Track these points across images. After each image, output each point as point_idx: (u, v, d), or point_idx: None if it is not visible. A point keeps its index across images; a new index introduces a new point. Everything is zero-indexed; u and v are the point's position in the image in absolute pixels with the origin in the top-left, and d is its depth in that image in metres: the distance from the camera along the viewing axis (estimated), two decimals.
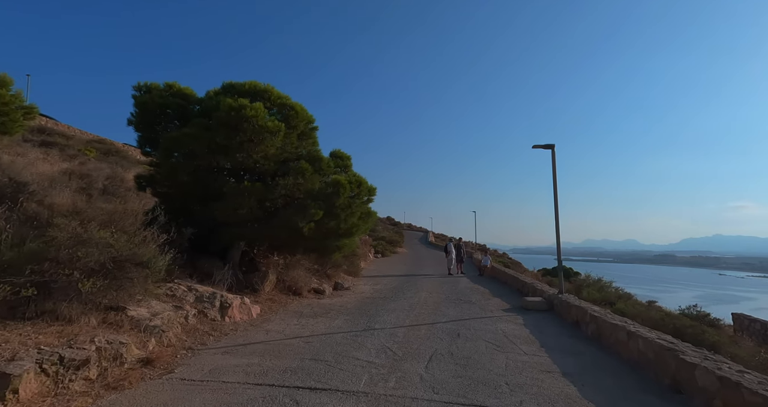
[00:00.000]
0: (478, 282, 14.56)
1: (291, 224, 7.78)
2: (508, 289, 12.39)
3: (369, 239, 32.76)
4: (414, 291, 11.46)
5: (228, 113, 7.05)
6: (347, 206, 8.37)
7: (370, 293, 10.90)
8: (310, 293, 10.13)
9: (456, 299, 10.08)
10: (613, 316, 5.66)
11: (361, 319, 7.17)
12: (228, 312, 6.35)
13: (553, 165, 8.54)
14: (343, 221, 8.56)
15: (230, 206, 7.53)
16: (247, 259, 10.57)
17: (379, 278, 15.00)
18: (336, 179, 7.95)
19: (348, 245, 10.27)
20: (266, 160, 7.99)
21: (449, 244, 18.71)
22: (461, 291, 11.67)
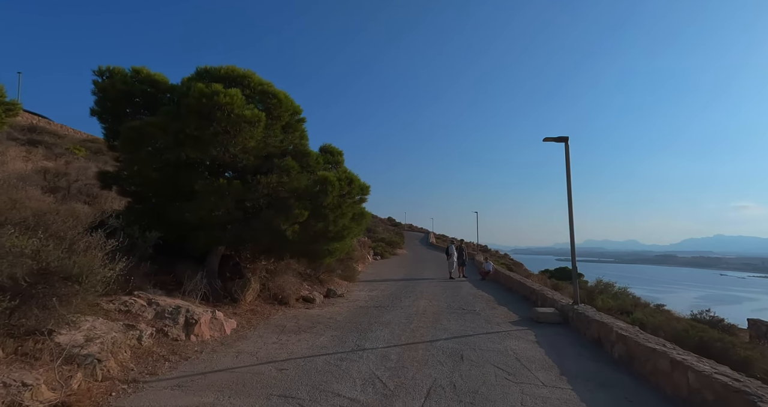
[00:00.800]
0: (482, 287, 13.66)
1: (272, 227, 6.90)
2: (514, 296, 11.49)
3: (368, 240, 31.87)
4: (413, 298, 10.57)
5: (199, 100, 6.17)
6: (336, 206, 7.49)
7: (364, 301, 10.02)
8: (298, 303, 9.24)
9: (458, 308, 9.19)
10: (647, 336, 4.76)
11: (350, 335, 6.28)
12: (194, 329, 5.46)
13: (566, 159, 7.65)
14: (333, 222, 7.67)
15: (204, 207, 6.65)
16: (231, 264, 9.70)
17: (377, 283, 14.11)
18: (323, 176, 7.07)
19: (340, 249, 9.37)
20: (246, 154, 7.11)
21: (451, 246, 17.83)
22: (464, 298, 10.77)
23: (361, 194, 8.11)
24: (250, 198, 7.13)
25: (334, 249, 9.07)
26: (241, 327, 6.58)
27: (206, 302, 7.33)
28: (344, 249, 9.73)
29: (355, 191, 7.78)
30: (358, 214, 8.69)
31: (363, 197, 8.23)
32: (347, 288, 12.57)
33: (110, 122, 7.20)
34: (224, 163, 7.19)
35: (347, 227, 8.28)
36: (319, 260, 9.62)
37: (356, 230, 8.73)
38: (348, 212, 7.88)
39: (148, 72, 7.20)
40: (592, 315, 6.31)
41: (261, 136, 7.15)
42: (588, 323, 6.17)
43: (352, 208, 8.05)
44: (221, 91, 6.20)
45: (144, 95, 7.10)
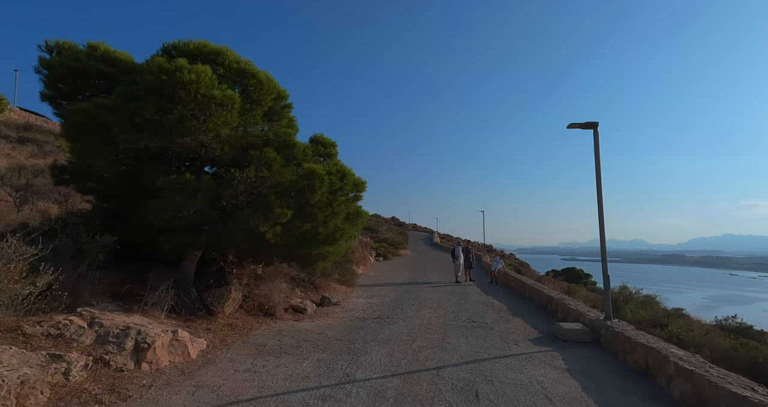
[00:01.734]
0: (491, 293, 12.55)
1: (250, 229, 5.86)
2: (528, 304, 10.38)
3: (369, 241, 30.83)
4: (416, 308, 9.50)
5: (158, 78, 5.14)
6: (326, 204, 6.43)
7: (362, 311, 8.96)
8: (286, 313, 8.21)
9: (467, 320, 8.10)
10: (720, 372, 3.66)
11: (340, 359, 5.23)
12: (147, 355, 4.43)
13: (595, 148, 6.54)
14: (322, 223, 6.62)
15: (169, 207, 5.63)
16: (214, 269, 8.69)
17: (377, 288, 13.05)
18: (309, 169, 6.01)
19: (333, 252, 8.33)
20: (219, 144, 6.08)
21: (457, 248, 16.72)
22: (473, 307, 9.68)
23: (355, 191, 7.05)
24: (225, 196, 6.10)
25: (326, 253, 8.03)
26: (213, 347, 5.54)
27: (176, 316, 6.32)
28: (339, 253, 8.68)
29: (349, 187, 6.73)
30: (353, 213, 7.63)
31: (358, 195, 7.17)
32: (344, 294, 11.53)
33: (62, 104, 6.19)
34: (194, 155, 6.17)
35: (340, 228, 7.23)
36: (311, 265, 8.58)
37: (351, 231, 7.68)
38: (340, 211, 6.83)
39: (106, 49, 6.20)
40: (634, 335, 5.20)
41: (237, 122, 6.13)
42: (629, 345, 5.06)
43: (345, 206, 7.00)
44: (185, 66, 5.17)
45: (103, 76, 6.10)
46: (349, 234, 7.69)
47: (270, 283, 9.01)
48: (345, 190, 6.69)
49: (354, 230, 7.89)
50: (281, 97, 7.11)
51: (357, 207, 7.78)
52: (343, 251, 8.78)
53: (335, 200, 6.56)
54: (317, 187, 6.01)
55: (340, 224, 7.11)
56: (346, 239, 7.81)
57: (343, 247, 8.63)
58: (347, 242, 8.32)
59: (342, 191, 6.65)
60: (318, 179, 6.01)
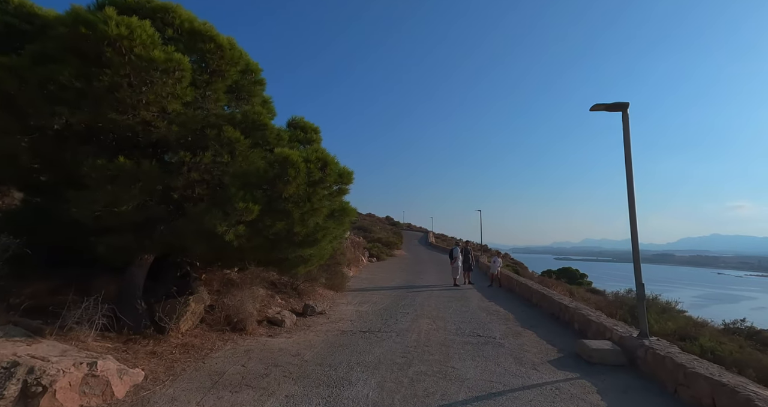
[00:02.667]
0: (494, 298, 11.47)
1: (204, 228, 4.67)
2: (536, 312, 9.30)
3: (362, 241, 29.67)
4: (412, 317, 8.37)
5: (76, 31, 3.93)
6: (304, 198, 5.26)
7: (350, 322, 7.80)
8: (260, 327, 7.01)
9: (471, 332, 6.99)
10: None
11: (315, 394, 4.07)
12: (42, 401, 3.23)
13: (625, 132, 5.45)
14: (299, 222, 5.45)
15: (97, 200, 4.41)
16: (178, 274, 7.48)
17: (369, 293, 11.90)
18: (281, 154, 4.82)
19: (317, 255, 7.16)
20: (167, 123, 4.87)
21: (455, 249, 15.61)
22: (475, 316, 8.57)
23: (340, 183, 5.88)
24: (177, 187, 4.90)
25: (308, 257, 6.86)
26: (153, 378, 4.34)
27: (113, 337, 5.11)
28: (322, 256, 7.50)
29: (332, 179, 5.55)
30: (338, 210, 6.47)
31: (343, 188, 6.00)
32: (332, 301, 10.35)
33: None
34: (136, 136, 4.95)
35: (323, 227, 6.06)
36: (290, 270, 7.43)
37: (336, 231, 6.51)
38: (322, 206, 5.65)
39: (22, 1, 4.95)
40: (687, 362, 4.11)
41: (191, 97, 4.92)
42: (684, 376, 3.97)
43: (328, 201, 5.83)
44: (113, 17, 3.96)
45: (16, 34, 4.84)
46: (333, 234, 6.53)
47: (242, 291, 7.82)
48: (327, 182, 5.52)
49: (340, 229, 6.73)
50: (251, 71, 5.92)
51: (343, 203, 6.62)
52: (327, 253, 7.61)
53: (315, 193, 5.38)
54: (291, 177, 4.82)
55: (322, 222, 5.95)
56: (330, 240, 6.64)
57: (328, 249, 7.46)
58: (332, 243, 7.15)
59: (323, 182, 5.47)
60: (292, 167, 4.82)
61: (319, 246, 6.39)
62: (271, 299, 9.21)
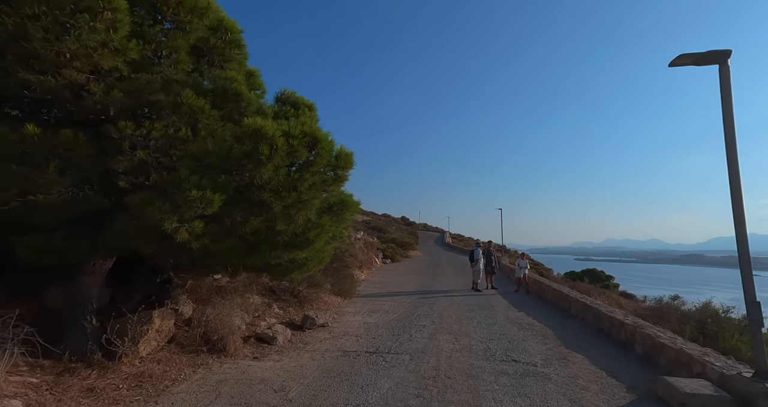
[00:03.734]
0: (522, 306, 9.99)
1: (147, 224, 3.47)
2: (577, 325, 7.79)
3: (376, 241, 28.45)
4: (429, 332, 7.03)
5: None
6: (287, 185, 4.00)
7: (355, 339, 6.52)
8: (246, 346, 5.80)
9: (504, 356, 5.59)
10: None
11: None
12: None
13: (724, 92, 3.96)
14: (283, 217, 4.19)
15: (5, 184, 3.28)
16: (158, 281, 6.39)
17: (380, 300, 10.61)
18: (251, 126, 3.56)
19: (314, 259, 5.92)
20: (102, 86, 3.70)
21: (476, 250, 14.17)
22: (505, 331, 7.15)
23: (336, 168, 4.59)
24: (123, 171, 3.73)
25: (302, 261, 5.62)
26: None
27: (47, 367, 3.98)
28: (321, 259, 6.25)
29: (323, 160, 4.27)
30: (336, 203, 5.19)
31: (341, 173, 4.69)
32: (338, 310, 9.12)
33: None
34: (66, 104, 3.79)
35: (316, 224, 4.78)
36: (283, 277, 6.21)
37: (334, 228, 5.23)
38: (312, 197, 4.38)
39: None
40: None
41: (137, 52, 3.73)
42: None
43: (321, 191, 4.56)
44: None
45: None
46: (330, 233, 5.25)
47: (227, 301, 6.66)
48: (318, 165, 4.25)
49: (339, 226, 5.45)
50: (225, 29, 4.71)
51: (342, 194, 5.34)
52: (327, 256, 6.35)
53: (302, 180, 4.11)
54: (264, 155, 3.56)
55: (314, 217, 4.67)
56: (327, 240, 5.37)
57: (327, 251, 6.20)
58: (331, 243, 5.88)
59: (312, 166, 4.20)
60: (266, 143, 3.56)
61: (313, 248, 5.11)
62: (267, 309, 8.04)
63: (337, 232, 5.76)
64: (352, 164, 4.87)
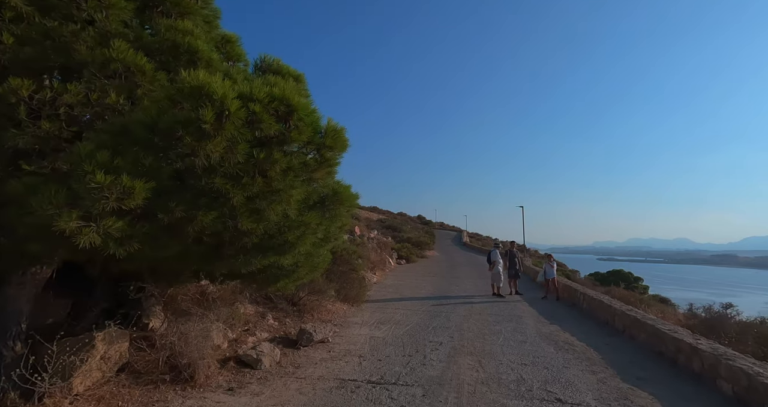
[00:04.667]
0: (555, 318, 8.65)
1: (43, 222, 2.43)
2: (627, 344, 6.42)
3: (390, 241, 27.32)
4: (446, 353, 5.83)
5: None
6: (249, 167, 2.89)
7: (357, 361, 5.40)
8: (223, 372, 4.75)
9: (545, 395, 4.33)
10: None
11: None
12: None
13: None
14: (247, 212, 3.09)
15: None
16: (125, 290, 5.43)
17: (392, 307, 9.46)
18: (191, 82, 2.48)
19: (306, 265, 4.83)
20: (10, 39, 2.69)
21: (493, 251, 12.84)
22: (540, 352, 5.88)
23: (321, 148, 3.45)
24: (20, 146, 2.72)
25: (290, 267, 4.53)
26: None
27: None
28: (315, 265, 5.14)
29: (302, 136, 3.14)
30: (327, 196, 4.06)
31: (328, 156, 3.55)
32: (342, 320, 8.03)
33: None
34: None
35: (298, 223, 3.66)
36: (267, 287, 5.14)
37: (322, 227, 4.08)
38: (288, 185, 3.25)
39: None
40: None
41: None
42: None
43: (300, 178, 3.43)
44: None
45: None
46: (319, 233, 4.11)
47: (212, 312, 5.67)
48: (294, 141, 3.13)
49: (332, 225, 4.31)
50: None
51: (335, 184, 4.21)
52: (322, 261, 5.24)
53: (271, 161, 3.00)
54: (208, 124, 2.47)
55: (294, 213, 3.55)
56: (315, 242, 4.25)
57: (322, 255, 5.09)
58: (323, 246, 4.76)
59: (286, 142, 3.09)
60: (211, 106, 2.46)
61: (300, 253, 4.00)
62: (259, 321, 7.02)
63: (331, 232, 4.63)
64: (345, 145, 3.73)
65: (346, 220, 4.63)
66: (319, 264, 5.35)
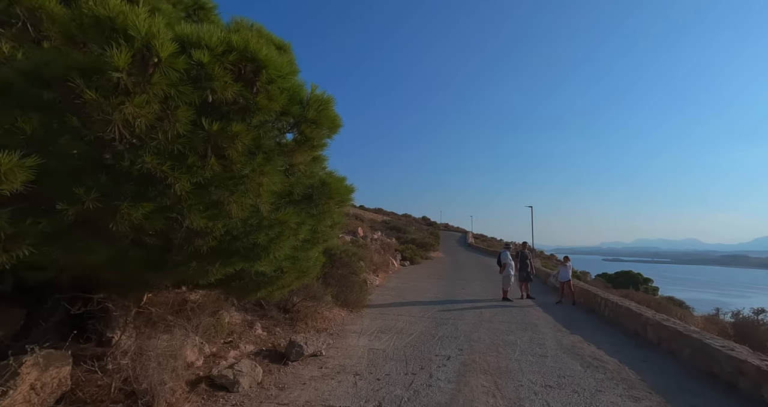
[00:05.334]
0: (575, 326, 7.81)
1: None
2: (665, 358, 5.60)
3: (394, 242, 26.54)
4: (456, 372, 5.02)
5: None
6: (198, 141, 2.14)
7: (351, 381, 4.62)
8: (191, 397, 3.99)
9: None
10: None
11: None
12: None
13: None
14: (198, 205, 2.33)
15: None
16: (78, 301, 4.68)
17: (395, 313, 8.67)
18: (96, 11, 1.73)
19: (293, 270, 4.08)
20: None
21: (504, 253, 12.01)
22: (566, 372, 5.06)
23: (301, 122, 2.68)
24: None
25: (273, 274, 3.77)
26: None
27: None
28: (304, 271, 4.37)
29: (272, 105, 2.37)
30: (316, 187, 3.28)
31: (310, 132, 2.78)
32: (340, 328, 7.27)
33: None
34: None
35: (273, 221, 2.89)
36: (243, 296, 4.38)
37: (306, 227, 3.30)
38: (256, 170, 2.49)
39: None
40: None
41: None
42: None
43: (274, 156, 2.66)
44: None
45: None
46: (301, 233, 3.33)
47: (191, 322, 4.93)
48: (263, 109, 2.36)
49: (320, 223, 3.54)
50: None
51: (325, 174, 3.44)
52: (312, 266, 4.48)
53: (229, 136, 2.23)
54: (121, 70, 1.70)
55: (266, 208, 2.77)
56: (297, 244, 3.47)
57: (311, 259, 4.33)
58: (311, 249, 3.99)
59: (251, 110, 2.32)
60: (126, 46, 1.70)
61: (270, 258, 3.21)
62: (246, 330, 6.26)
63: (320, 232, 3.85)
64: (335, 121, 2.95)
65: (338, 217, 3.85)
66: (309, 269, 4.58)
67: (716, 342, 4.90)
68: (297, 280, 4.63)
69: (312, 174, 3.29)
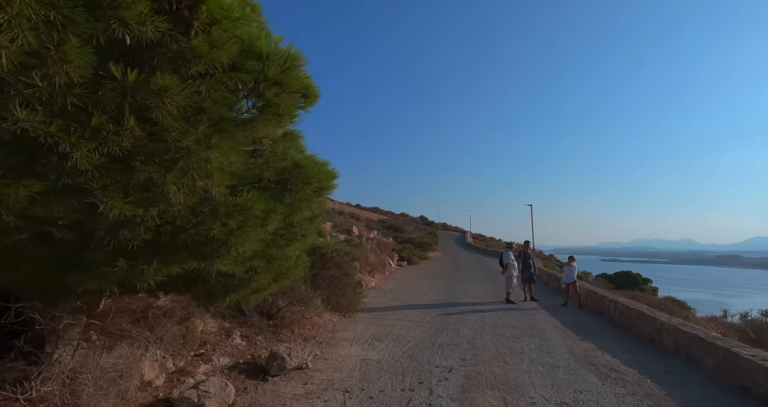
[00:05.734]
0: (584, 331, 7.23)
1: None
2: (687, 368, 5.01)
3: (391, 242, 25.96)
4: (458, 386, 4.40)
5: None
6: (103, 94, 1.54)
7: (338, 401, 4.01)
8: None
9: None
10: None
11: None
12: None
13: None
14: (115, 186, 1.73)
15: None
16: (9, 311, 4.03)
17: (391, 318, 8.06)
18: None
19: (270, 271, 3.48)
20: None
21: (506, 253, 11.45)
22: (583, 386, 4.45)
23: (259, 81, 2.08)
24: None
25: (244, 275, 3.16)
26: None
27: None
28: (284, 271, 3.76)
29: (221, 52, 1.77)
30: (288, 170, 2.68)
31: (272, 96, 2.19)
32: (329, 337, 6.65)
33: None
34: None
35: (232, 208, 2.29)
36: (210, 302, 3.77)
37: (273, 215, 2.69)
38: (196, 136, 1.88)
39: None
40: None
41: None
42: None
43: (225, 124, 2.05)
44: None
45: None
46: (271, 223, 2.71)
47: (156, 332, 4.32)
48: (202, 58, 1.76)
49: (295, 214, 2.93)
50: None
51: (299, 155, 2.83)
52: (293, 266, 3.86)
53: (160, 92, 1.63)
54: None
55: (219, 191, 2.16)
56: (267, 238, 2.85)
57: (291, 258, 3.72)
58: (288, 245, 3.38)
59: (186, 59, 1.71)
60: None
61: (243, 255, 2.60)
62: (222, 340, 5.63)
63: (299, 227, 3.24)
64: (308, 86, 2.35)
65: (317, 208, 3.24)
66: (289, 270, 3.96)
67: (745, 351, 4.33)
68: (275, 282, 4.02)
69: (283, 154, 2.68)
